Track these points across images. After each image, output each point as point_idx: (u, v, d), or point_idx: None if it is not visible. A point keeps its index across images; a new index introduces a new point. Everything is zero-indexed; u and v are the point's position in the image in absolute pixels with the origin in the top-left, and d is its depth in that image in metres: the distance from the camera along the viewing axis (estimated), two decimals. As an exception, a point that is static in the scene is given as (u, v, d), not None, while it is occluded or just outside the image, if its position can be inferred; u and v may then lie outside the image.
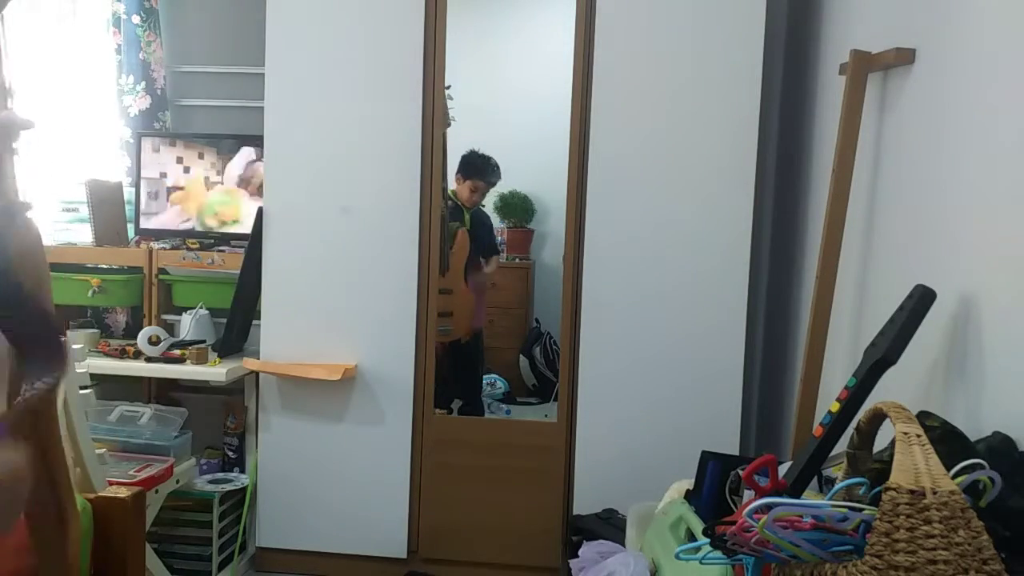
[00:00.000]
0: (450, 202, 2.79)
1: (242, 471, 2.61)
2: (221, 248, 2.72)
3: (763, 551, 0.95)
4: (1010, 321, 1.24)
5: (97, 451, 2.05)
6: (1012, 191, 1.25)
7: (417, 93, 2.40)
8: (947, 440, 1.12)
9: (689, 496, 1.67)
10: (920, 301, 1.22)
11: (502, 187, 3.07)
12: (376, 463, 2.48)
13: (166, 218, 2.79)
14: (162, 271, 2.69)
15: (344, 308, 2.46)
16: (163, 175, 2.79)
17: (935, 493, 0.85)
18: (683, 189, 2.33)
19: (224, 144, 2.78)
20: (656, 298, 2.35)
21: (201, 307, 2.66)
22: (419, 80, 2.40)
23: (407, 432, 2.47)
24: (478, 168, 2.95)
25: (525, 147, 3.01)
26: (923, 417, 1.15)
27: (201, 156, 2.79)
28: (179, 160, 2.79)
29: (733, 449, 2.26)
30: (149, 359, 2.46)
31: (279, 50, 2.45)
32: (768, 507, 0.91)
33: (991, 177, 1.32)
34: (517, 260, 3.21)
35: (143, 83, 2.82)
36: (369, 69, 2.42)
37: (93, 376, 2.14)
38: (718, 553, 1.04)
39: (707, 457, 1.64)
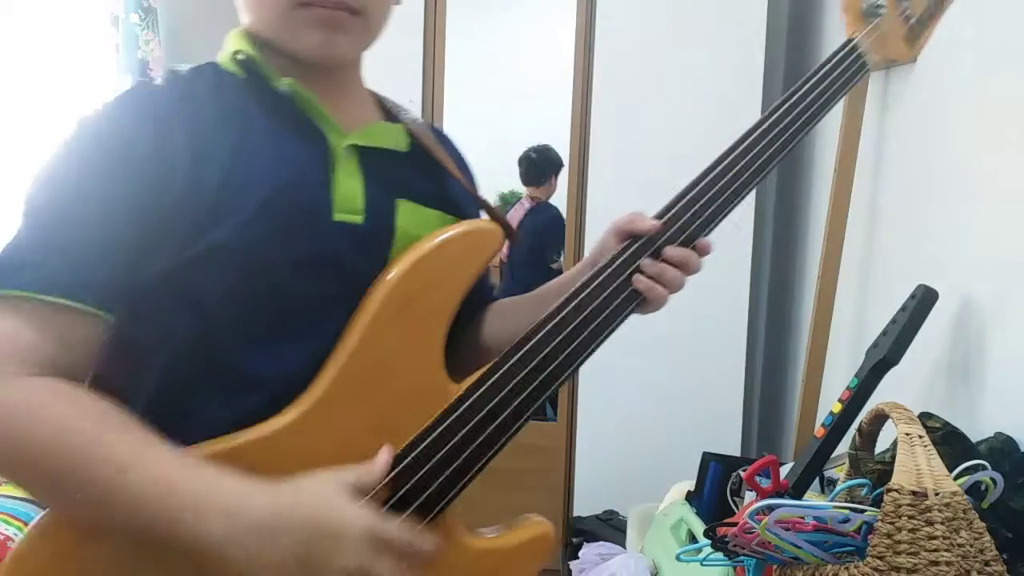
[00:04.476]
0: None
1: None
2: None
3: (764, 553, 0.95)
4: (1012, 322, 1.23)
5: (96, 452, 2.05)
6: (1013, 190, 1.25)
7: (416, 94, 2.39)
8: (949, 441, 1.12)
9: (690, 497, 1.66)
10: (922, 301, 1.21)
11: (502, 187, 3.07)
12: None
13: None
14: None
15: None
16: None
17: (937, 494, 0.85)
18: (684, 189, 2.32)
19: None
20: (656, 298, 2.34)
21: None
22: (419, 80, 2.39)
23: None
24: None
25: (524, 147, 3.01)
26: (925, 418, 1.15)
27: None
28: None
29: (734, 450, 2.25)
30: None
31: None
32: (770, 508, 0.90)
33: (992, 176, 1.32)
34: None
35: (142, 83, 2.82)
36: (368, 70, 2.41)
37: (92, 377, 2.14)
38: (719, 555, 1.03)
39: (708, 458, 1.64)
